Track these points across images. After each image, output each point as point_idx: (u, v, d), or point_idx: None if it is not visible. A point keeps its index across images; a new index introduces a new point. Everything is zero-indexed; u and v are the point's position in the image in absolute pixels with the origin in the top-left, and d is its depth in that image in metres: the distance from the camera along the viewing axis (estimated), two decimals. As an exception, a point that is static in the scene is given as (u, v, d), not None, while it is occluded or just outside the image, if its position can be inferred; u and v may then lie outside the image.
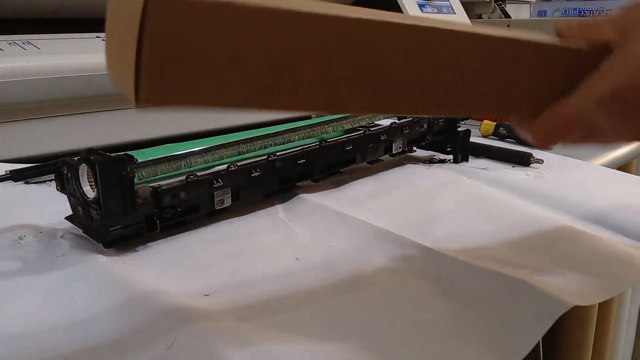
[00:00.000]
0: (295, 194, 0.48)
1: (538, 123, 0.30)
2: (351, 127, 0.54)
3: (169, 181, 0.39)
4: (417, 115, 0.55)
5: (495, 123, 0.71)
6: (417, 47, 0.24)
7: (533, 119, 0.30)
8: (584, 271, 0.35)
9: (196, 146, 0.43)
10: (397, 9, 0.98)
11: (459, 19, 1.09)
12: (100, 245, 0.37)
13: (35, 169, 0.46)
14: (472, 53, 0.26)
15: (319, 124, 0.52)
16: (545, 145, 0.32)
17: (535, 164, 0.58)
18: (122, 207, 0.35)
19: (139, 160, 0.38)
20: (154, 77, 0.19)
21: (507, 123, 0.70)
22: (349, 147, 0.50)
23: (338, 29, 0.22)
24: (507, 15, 1.46)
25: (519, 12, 1.76)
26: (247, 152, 0.45)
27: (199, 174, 0.40)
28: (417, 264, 0.36)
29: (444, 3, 1.07)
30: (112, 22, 0.22)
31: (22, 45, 0.56)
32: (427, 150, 0.62)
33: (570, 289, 0.32)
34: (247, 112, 0.22)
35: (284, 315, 0.30)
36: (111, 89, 0.59)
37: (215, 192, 0.41)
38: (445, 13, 1.05)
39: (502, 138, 0.70)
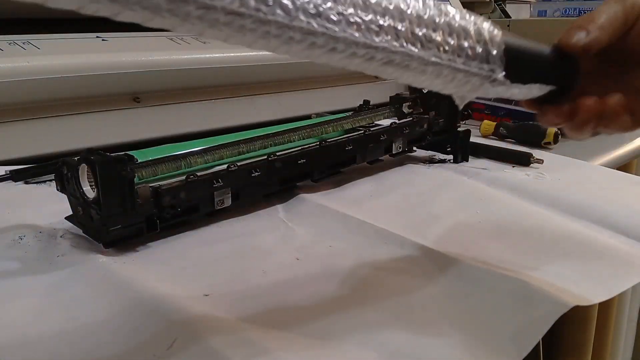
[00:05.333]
0: (295, 194, 0.48)
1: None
2: (351, 127, 0.54)
3: (169, 181, 0.39)
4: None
5: (495, 123, 0.71)
6: None
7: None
8: (584, 271, 0.35)
9: (196, 146, 0.43)
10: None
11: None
12: (100, 245, 0.37)
13: (35, 169, 0.46)
14: None
15: (319, 124, 0.52)
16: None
17: (535, 164, 0.58)
18: (122, 207, 0.35)
19: (139, 160, 0.38)
20: None
21: (507, 123, 0.70)
22: (349, 147, 0.50)
23: None
24: (507, 15, 1.45)
25: (519, 12, 1.76)
26: (247, 152, 0.45)
27: (199, 174, 0.40)
28: (417, 264, 0.36)
29: (444, 3, 1.06)
30: None
31: (22, 45, 0.56)
32: (427, 150, 0.62)
33: (570, 289, 0.32)
34: None
35: (284, 315, 0.30)
36: (111, 89, 0.59)
37: (215, 192, 0.41)
38: (445, 13, 1.05)
39: (502, 138, 0.70)
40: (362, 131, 0.52)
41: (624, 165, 0.65)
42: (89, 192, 0.36)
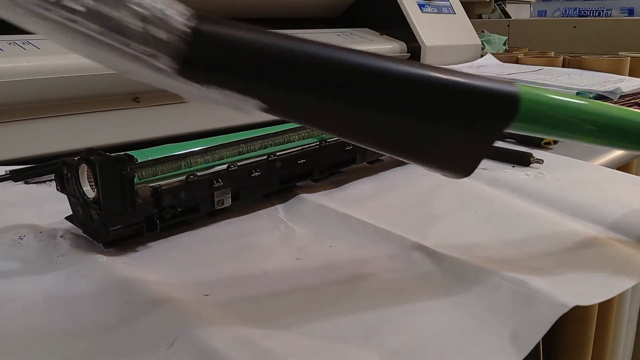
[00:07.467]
0: (295, 194, 0.48)
1: None
2: (351, 127, 0.54)
3: (169, 181, 0.39)
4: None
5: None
6: None
7: None
8: (584, 271, 0.35)
9: (196, 146, 0.43)
10: (398, 8, 0.98)
11: (458, 19, 1.09)
12: (100, 245, 0.37)
13: (35, 169, 0.46)
14: None
15: (319, 124, 0.52)
16: None
17: (535, 164, 0.58)
18: (122, 207, 0.35)
19: (139, 160, 0.38)
20: None
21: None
22: (349, 147, 0.50)
23: None
24: (507, 15, 1.46)
25: (519, 12, 1.76)
26: (247, 152, 0.45)
27: (199, 174, 0.40)
28: (417, 264, 0.36)
29: (444, 3, 1.07)
30: None
31: (22, 45, 0.56)
32: (427, 150, 0.62)
33: (570, 289, 0.32)
34: None
35: (284, 316, 0.30)
36: (111, 89, 0.59)
37: (215, 192, 0.41)
38: (445, 13, 1.06)
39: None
40: (362, 131, 0.52)
41: (624, 165, 0.65)
42: (89, 192, 0.36)
